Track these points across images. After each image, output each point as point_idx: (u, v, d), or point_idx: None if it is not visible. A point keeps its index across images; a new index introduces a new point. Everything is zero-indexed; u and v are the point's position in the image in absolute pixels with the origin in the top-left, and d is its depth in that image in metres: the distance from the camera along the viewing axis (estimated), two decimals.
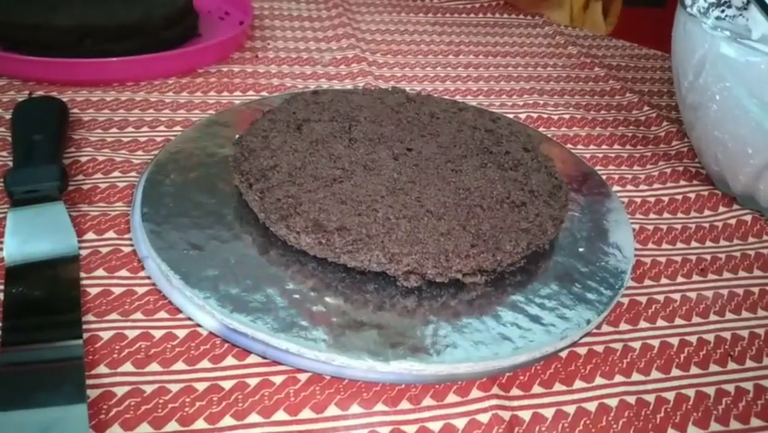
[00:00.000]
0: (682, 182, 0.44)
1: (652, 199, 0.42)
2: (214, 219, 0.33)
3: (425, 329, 0.29)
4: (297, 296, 0.30)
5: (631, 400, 0.29)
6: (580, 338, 0.31)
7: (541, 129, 0.49)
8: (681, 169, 0.46)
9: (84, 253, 0.32)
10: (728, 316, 0.34)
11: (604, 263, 0.34)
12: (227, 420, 0.26)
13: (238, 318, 0.28)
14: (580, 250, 0.35)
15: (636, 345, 0.31)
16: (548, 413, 0.28)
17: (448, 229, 0.31)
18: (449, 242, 0.30)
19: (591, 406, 0.28)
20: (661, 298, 0.34)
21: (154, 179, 0.35)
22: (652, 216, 0.41)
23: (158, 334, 0.29)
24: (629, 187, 0.43)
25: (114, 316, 0.29)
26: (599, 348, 0.31)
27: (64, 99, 0.42)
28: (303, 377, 0.28)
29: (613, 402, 0.28)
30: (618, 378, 0.30)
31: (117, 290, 0.30)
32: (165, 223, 0.32)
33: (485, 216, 0.32)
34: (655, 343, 0.32)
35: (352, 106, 0.39)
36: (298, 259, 0.31)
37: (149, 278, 0.31)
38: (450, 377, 0.28)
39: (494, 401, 0.28)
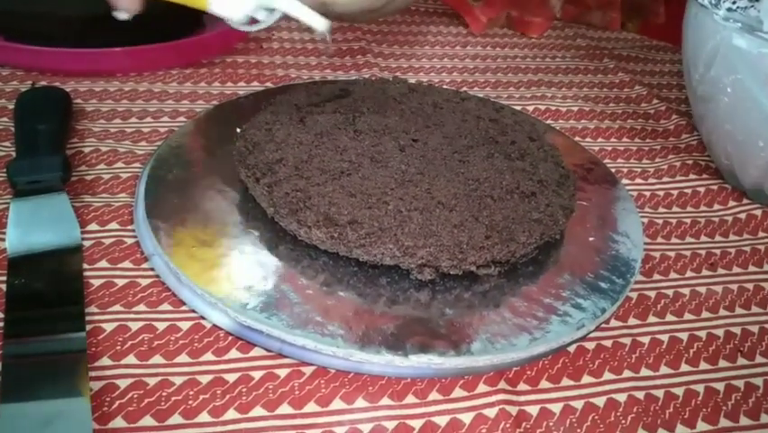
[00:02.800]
0: (692, 176, 0.44)
1: (661, 193, 0.42)
2: (220, 215, 0.33)
3: (440, 322, 0.29)
4: (309, 291, 0.29)
5: (640, 395, 0.28)
6: (596, 328, 0.30)
7: (549, 121, 0.48)
8: (690, 162, 0.45)
9: (87, 244, 0.32)
10: (738, 311, 0.33)
11: (614, 252, 0.34)
12: (231, 414, 0.25)
13: (252, 315, 0.27)
14: (591, 239, 0.35)
15: (645, 339, 0.31)
16: (556, 408, 0.27)
17: (461, 221, 0.30)
18: (463, 233, 0.30)
19: (600, 401, 0.28)
20: (670, 292, 0.34)
21: (156, 174, 0.35)
22: (661, 209, 0.40)
23: (161, 326, 0.28)
24: (638, 180, 0.43)
25: (117, 307, 0.29)
26: (608, 343, 0.31)
27: (67, 89, 0.42)
28: (308, 370, 0.27)
29: (621, 397, 0.28)
30: (627, 373, 0.29)
31: (120, 282, 0.30)
32: (170, 219, 0.32)
33: (496, 207, 0.32)
34: (664, 338, 0.31)
35: (354, 97, 0.39)
36: (308, 253, 0.31)
37: (152, 269, 0.31)
38: (469, 370, 0.28)
39: (501, 396, 0.27)
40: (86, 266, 0.30)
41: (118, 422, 0.24)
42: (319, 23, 0.36)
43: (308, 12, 0.36)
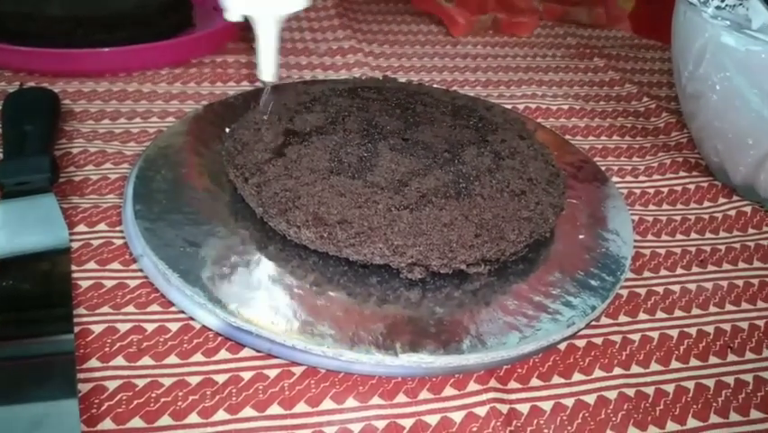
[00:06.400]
0: (682, 173, 0.44)
1: (651, 191, 0.42)
2: (209, 215, 0.33)
3: (430, 321, 0.28)
4: (299, 291, 0.29)
5: (630, 392, 0.28)
6: (586, 325, 0.30)
7: (539, 120, 0.48)
8: (680, 160, 0.45)
9: (75, 245, 0.31)
10: (728, 307, 0.34)
11: (604, 249, 0.34)
12: (221, 414, 0.25)
13: (242, 316, 0.27)
14: (581, 237, 0.35)
15: (635, 337, 0.31)
16: (546, 406, 0.27)
17: (451, 219, 0.30)
18: (452, 232, 0.30)
19: (590, 399, 0.28)
20: (660, 289, 0.34)
21: (144, 175, 0.34)
22: (651, 207, 0.41)
23: (150, 327, 0.28)
24: (628, 178, 0.43)
25: (105, 309, 0.29)
26: (598, 341, 0.31)
27: (56, 90, 0.42)
28: (297, 370, 0.27)
29: (612, 395, 0.28)
30: (617, 370, 0.29)
31: (109, 283, 0.30)
32: (159, 220, 0.32)
33: (486, 206, 0.31)
34: (654, 335, 0.31)
35: (343, 97, 0.39)
36: (298, 253, 0.31)
37: (141, 271, 0.31)
38: (459, 369, 0.28)
39: (492, 394, 0.27)
40: (74, 267, 0.30)
41: (107, 424, 0.24)
42: (268, 74, 0.39)
43: (271, 59, 0.39)
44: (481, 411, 0.27)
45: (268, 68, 0.39)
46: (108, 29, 0.47)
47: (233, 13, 0.39)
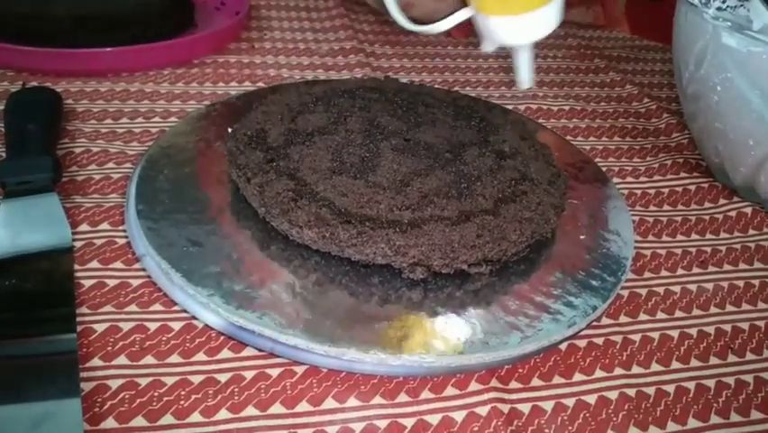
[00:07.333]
0: (683, 174, 0.44)
1: (652, 191, 0.42)
2: (211, 215, 0.33)
3: (433, 321, 0.29)
4: (301, 291, 0.29)
5: (631, 392, 0.28)
6: (587, 326, 0.31)
7: (540, 120, 0.48)
8: (681, 161, 0.45)
9: (78, 244, 0.32)
10: (729, 308, 0.34)
11: (605, 250, 0.34)
12: (223, 414, 0.25)
13: (244, 315, 0.27)
14: (582, 237, 0.35)
15: (636, 337, 0.31)
16: (547, 406, 0.27)
17: (452, 220, 0.30)
18: (454, 232, 0.30)
19: (591, 399, 0.28)
20: (661, 290, 0.34)
21: (147, 174, 0.35)
22: (652, 208, 0.41)
23: (152, 326, 0.28)
24: (629, 179, 0.43)
25: (108, 308, 0.29)
26: (599, 341, 0.31)
27: (58, 90, 0.42)
28: (300, 370, 0.27)
29: (613, 395, 0.28)
30: (618, 371, 0.29)
31: (111, 283, 0.30)
32: (162, 219, 0.32)
33: (488, 206, 0.32)
34: (655, 335, 0.31)
35: (345, 97, 0.39)
36: (300, 253, 0.31)
37: (143, 270, 0.31)
38: (461, 368, 0.28)
39: (493, 394, 0.27)
40: (77, 267, 0.30)
41: (109, 423, 0.24)
42: (524, 81, 0.43)
43: (529, 65, 0.43)
44: (483, 411, 0.27)
45: (525, 77, 0.44)
46: (110, 29, 0.47)
47: (490, 45, 0.43)
